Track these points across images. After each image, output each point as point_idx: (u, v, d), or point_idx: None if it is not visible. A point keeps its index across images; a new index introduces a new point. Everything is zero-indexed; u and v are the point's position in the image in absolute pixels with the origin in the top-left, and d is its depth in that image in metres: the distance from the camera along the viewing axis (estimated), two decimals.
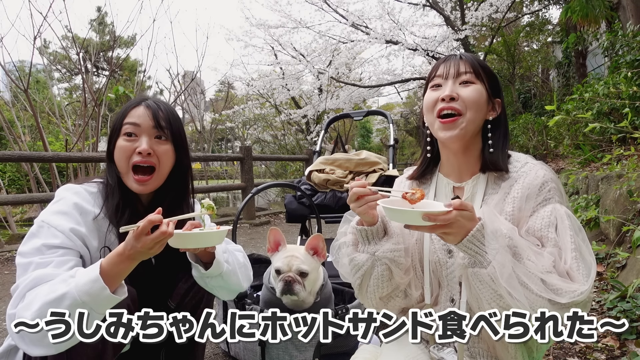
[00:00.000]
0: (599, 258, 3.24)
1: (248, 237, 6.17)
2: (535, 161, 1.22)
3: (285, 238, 2.02)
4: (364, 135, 28.83)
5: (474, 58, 1.23)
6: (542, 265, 1.02)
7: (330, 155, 3.32)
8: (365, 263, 1.21)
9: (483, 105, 1.20)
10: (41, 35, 7.14)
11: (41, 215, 1.28)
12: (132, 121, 1.37)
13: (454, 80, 1.20)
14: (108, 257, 1.15)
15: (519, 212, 1.14)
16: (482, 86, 1.21)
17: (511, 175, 1.19)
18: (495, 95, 1.24)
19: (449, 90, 1.19)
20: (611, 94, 4.50)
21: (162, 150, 1.39)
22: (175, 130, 1.42)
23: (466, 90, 1.19)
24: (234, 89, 19.57)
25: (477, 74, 1.20)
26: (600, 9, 6.45)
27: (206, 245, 1.31)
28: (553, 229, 1.09)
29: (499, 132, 1.23)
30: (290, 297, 1.89)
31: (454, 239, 1.03)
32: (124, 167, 1.38)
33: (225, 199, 17.50)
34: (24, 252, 1.21)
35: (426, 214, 0.98)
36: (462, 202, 1.01)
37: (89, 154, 6.87)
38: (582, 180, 4.27)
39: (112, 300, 1.12)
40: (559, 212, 1.10)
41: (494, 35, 12.41)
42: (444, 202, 1.26)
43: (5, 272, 4.44)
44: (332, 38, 12.87)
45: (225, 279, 1.46)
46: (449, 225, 0.99)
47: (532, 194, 1.14)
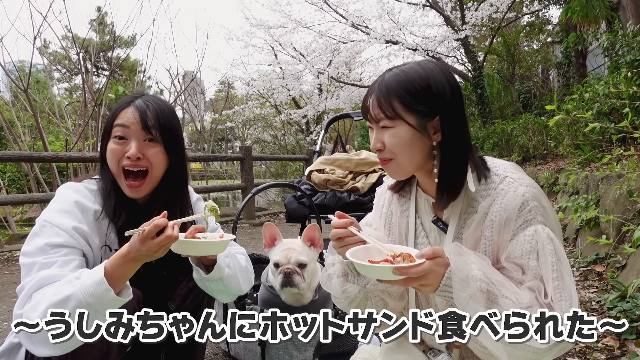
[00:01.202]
0: (599, 258, 3.24)
1: (248, 237, 6.17)
2: (515, 175, 1.10)
3: (280, 233, 2.03)
4: (364, 135, 28.81)
5: (387, 90, 1.09)
6: (519, 302, 0.98)
7: (330, 155, 3.32)
8: (357, 295, 1.20)
9: (412, 143, 1.09)
10: (41, 35, 7.15)
11: (43, 214, 1.28)
12: (121, 123, 1.34)
13: (376, 126, 1.12)
14: (112, 259, 1.15)
15: (499, 236, 1.07)
16: (402, 124, 1.08)
17: (490, 193, 1.09)
18: (430, 116, 1.09)
19: (373, 142, 1.13)
20: (611, 94, 4.50)
21: (152, 153, 1.35)
22: (165, 130, 1.36)
23: (387, 138, 1.10)
24: (234, 89, 19.59)
25: (390, 116, 1.08)
26: (600, 9, 6.45)
27: (208, 254, 1.31)
28: (534, 256, 1.02)
29: (448, 154, 1.10)
30: (291, 289, 1.89)
31: (430, 289, 0.99)
32: (115, 170, 1.36)
33: (225, 199, 17.50)
34: (28, 252, 1.21)
35: (397, 269, 0.93)
36: (434, 250, 0.96)
37: (89, 154, 6.87)
38: (582, 180, 4.28)
39: (116, 302, 1.12)
40: (541, 235, 1.02)
41: (494, 35, 12.41)
42: (425, 220, 1.22)
43: (5, 272, 4.44)
44: (332, 38, 12.87)
45: (226, 283, 1.45)
46: (423, 277, 0.95)
47: (512, 217, 1.05)
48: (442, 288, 0.98)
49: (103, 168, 1.40)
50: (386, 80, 1.11)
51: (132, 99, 1.39)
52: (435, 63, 1.16)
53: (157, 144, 1.36)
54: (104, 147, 1.38)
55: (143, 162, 1.33)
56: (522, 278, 1.04)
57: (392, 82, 1.09)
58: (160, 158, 1.37)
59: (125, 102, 1.39)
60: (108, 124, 1.38)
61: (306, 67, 13.39)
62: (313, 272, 1.98)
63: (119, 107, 1.38)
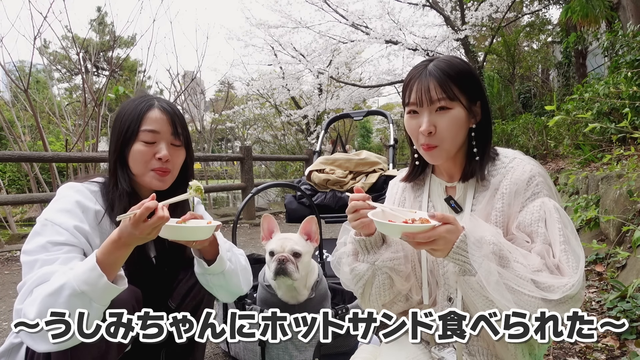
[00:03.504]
0: (599, 258, 3.24)
1: (248, 237, 6.16)
2: (523, 156, 1.22)
3: (278, 225, 2.03)
4: (364, 135, 28.86)
5: (443, 74, 1.15)
6: (530, 265, 1.03)
7: (330, 155, 3.32)
8: (366, 273, 1.23)
9: (462, 125, 1.17)
10: (41, 35, 7.15)
11: (44, 214, 1.29)
12: (151, 128, 1.37)
13: (429, 110, 1.15)
14: (103, 245, 1.15)
15: (509, 207, 1.15)
16: (459, 106, 1.15)
17: (499, 171, 1.19)
18: (475, 100, 1.19)
19: (426, 125, 1.15)
20: (611, 94, 4.50)
21: (177, 155, 1.43)
22: (187, 134, 1.46)
23: (443, 121, 1.15)
24: (234, 89, 19.59)
25: (451, 97, 1.14)
26: (600, 9, 6.46)
27: (194, 239, 1.31)
28: (542, 224, 1.10)
29: (480, 138, 1.21)
30: (285, 279, 1.88)
31: (441, 254, 1.04)
32: (142, 170, 1.38)
33: (225, 199, 17.50)
34: (29, 250, 1.22)
35: (407, 233, 0.99)
36: (443, 215, 1.01)
37: (89, 154, 6.87)
38: (582, 180, 4.28)
39: (111, 289, 1.12)
40: (547, 206, 1.11)
41: (494, 35, 12.42)
42: (437, 203, 1.28)
43: (5, 272, 4.44)
44: (332, 38, 12.88)
45: (227, 278, 1.47)
46: (434, 242, 1.00)
47: (521, 189, 1.14)
48: (455, 250, 1.01)
49: (122, 170, 1.39)
50: (438, 67, 1.16)
51: (151, 99, 1.42)
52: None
53: (181, 147, 1.44)
54: (127, 150, 1.37)
55: (169, 164, 1.40)
56: (531, 247, 1.09)
57: (445, 68, 1.16)
58: (181, 159, 1.45)
59: (147, 103, 1.40)
60: (133, 127, 1.37)
61: (306, 67, 13.39)
62: (309, 267, 1.98)
63: (142, 109, 1.39)
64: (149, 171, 1.38)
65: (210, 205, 12.61)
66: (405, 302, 1.28)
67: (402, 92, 1.25)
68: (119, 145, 1.38)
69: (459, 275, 1.06)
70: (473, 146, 1.21)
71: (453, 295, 1.21)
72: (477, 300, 1.05)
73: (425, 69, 1.17)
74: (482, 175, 1.20)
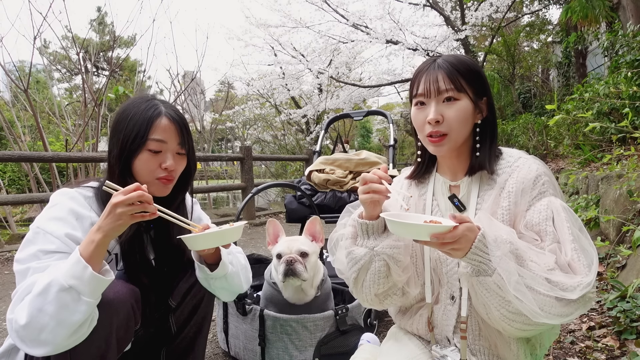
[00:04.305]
0: (599, 258, 3.23)
1: (248, 237, 6.17)
2: (528, 155, 1.23)
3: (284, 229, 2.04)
4: (364, 135, 28.84)
5: (452, 66, 1.18)
6: (544, 264, 1.03)
7: (330, 155, 3.32)
8: (363, 257, 1.21)
9: (469, 117, 1.19)
10: (41, 35, 7.13)
11: (36, 221, 1.27)
12: (159, 138, 1.35)
13: (437, 100, 1.17)
14: (83, 241, 1.16)
15: (515, 206, 1.15)
16: (467, 98, 1.18)
17: (505, 170, 1.20)
18: (481, 96, 1.21)
19: (433, 114, 1.16)
20: (611, 94, 4.50)
21: (180, 163, 1.43)
22: (192, 142, 1.46)
23: (450, 111, 1.16)
24: (234, 89, 19.57)
25: (458, 88, 1.16)
26: (600, 9, 6.46)
27: (224, 243, 1.35)
28: (551, 223, 1.10)
29: (486, 133, 1.23)
30: (293, 280, 1.87)
31: (461, 253, 1.01)
32: (147, 179, 1.37)
33: (225, 199, 17.51)
34: (21, 259, 1.22)
35: (434, 234, 0.97)
36: (461, 215, 1.00)
37: (89, 154, 6.87)
38: (582, 180, 4.28)
39: (97, 280, 1.11)
40: (555, 205, 1.11)
41: (494, 35, 12.41)
42: (441, 201, 1.28)
43: (5, 272, 4.44)
44: (332, 38, 12.87)
45: (229, 280, 1.48)
46: (457, 241, 0.98)
47: (527, 188, 1.15)
48: (474, 250, 1.01)
49: (127, 176, 1.37)
50: (447, 60, 1.19)
51: (157, 108, 1.39)
52: None
53: (185, 155, 1.44)
54: (132, 157, 1.36)
55: (173, 173, 1.41)
56: (542, 246, 1.09)
57: (454, 62, 1.19)
58: (182, 167, 1.46)
59: (155, 111, 1.37)
60: (140, 135, 1.34)
61: (306, 67, 13.38)
62: (315, 267, 1.98)
63: (151, 116, 1.36)
64: (153, 180, 1.37)
65: (210, 205, 12.61)
66: (402, 296, 1.27)
67: (410, 86, 1.26)
68: (124, 152, 1.35)
69: (471, 276, 1.05)
70: (477, 142, 1.22)
71: (456, 294, 1.21)
72: (492, 300, 1.04)
73: (434, 62, 1.20)
74: (491, 169, 1.20)
